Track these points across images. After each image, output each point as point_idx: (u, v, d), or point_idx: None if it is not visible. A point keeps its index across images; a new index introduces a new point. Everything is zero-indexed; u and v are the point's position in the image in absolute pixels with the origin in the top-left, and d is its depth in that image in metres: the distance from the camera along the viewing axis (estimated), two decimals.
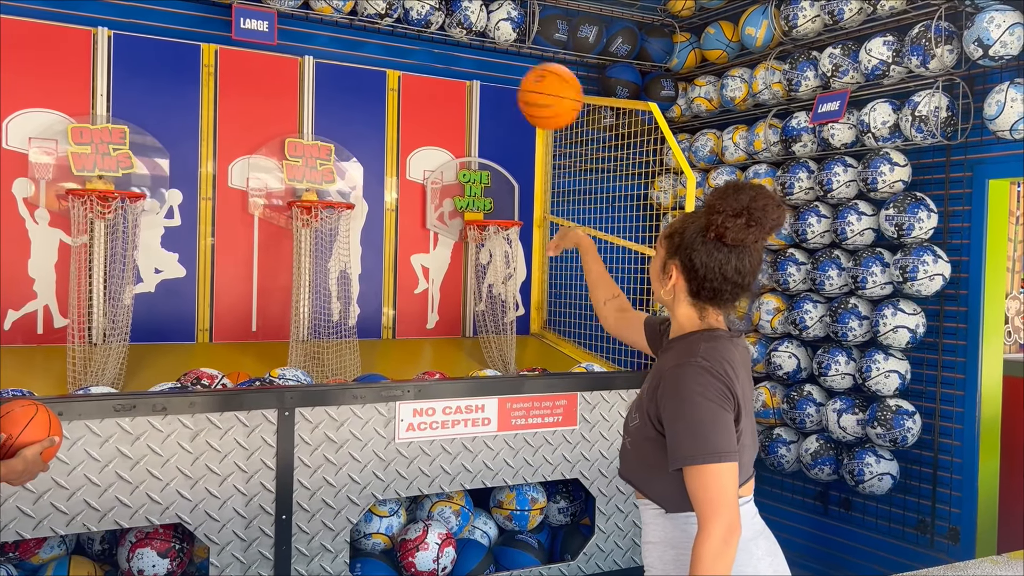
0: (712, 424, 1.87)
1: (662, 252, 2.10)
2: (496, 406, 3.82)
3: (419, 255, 5.12)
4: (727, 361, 1.96)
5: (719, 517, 1.82)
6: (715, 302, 2.04)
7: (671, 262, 2.05)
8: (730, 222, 1.93)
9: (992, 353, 4.34)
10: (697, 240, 1.99)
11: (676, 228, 2.08)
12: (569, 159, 5.57)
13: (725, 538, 1.81)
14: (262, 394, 3.38)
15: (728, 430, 1.89)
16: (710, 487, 1.84)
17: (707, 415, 1.87)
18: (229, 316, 4.61)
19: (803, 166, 4.90)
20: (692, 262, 2.00)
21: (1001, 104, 3.92)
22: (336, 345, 4.50)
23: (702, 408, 1.88)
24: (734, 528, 1.83)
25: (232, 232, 4.60)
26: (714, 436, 1.86)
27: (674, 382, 1.93)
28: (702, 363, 1.93)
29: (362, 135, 4.91)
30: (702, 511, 1.85)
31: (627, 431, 2.11)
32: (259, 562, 3.36)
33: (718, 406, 1.89)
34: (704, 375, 1.91)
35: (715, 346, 1.98)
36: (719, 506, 1.83)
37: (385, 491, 3.60)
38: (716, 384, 1.91)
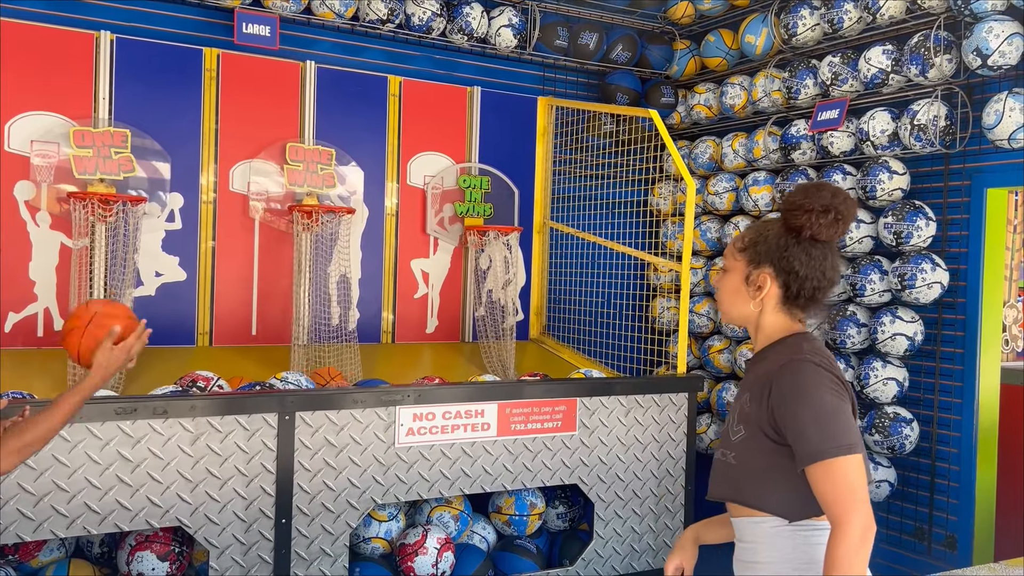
0: (835, 417, 1.80)
1: (741, 265, 2.00)
2: (496, 411, 3.83)
3: (419, 260, 5.13)
4: (832, 358, 1.92)
5: (855, 512, 1.74)
6: (810, 305, 1.97)
7: (760, 271, 1.96)
8: (822, 219, 1.88)
9: (990, 361, 4.35)
10: (790, 243, 1.92)
11: (755, 237, 1.99)
12: (569, 165, 5.59)
13: (862, 536, 1.73)
14: (262, 398, 3.38)
15: (850, 422, 1.82)
16: (840, 482, 1.76)
17: (830, 408, 1.80)
18: (229, 320, 4.62)
19: (802, 174, 4.92)
20: (790, 266, 1.93)
21: (1000, 113, 3.94)
22: (336, 349, 4.51)
23: (824, 402, 1.81)
24: (870, 524, 1.75)
25: (233, 236, 4.61)
26: (839, 428, 1.79)
27: (790, 381, 1.85)
28: (812, 359, 1.87)
29: (363, 140, 4.93)
30: (835, 509, 1.76)
31: (729, 446, 1.98)
32: (258, 566, 3.36)
33: (838, 399, 1.83)
34: (818, 370, 1.85)
35: (817, 346, 1.93)
36: (853, 501, 1.74)
37: (385, 495, 3.61)
38: (831, 377, 1.85)
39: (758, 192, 5.19)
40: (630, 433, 4.20)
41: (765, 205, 5.19)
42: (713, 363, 5.54)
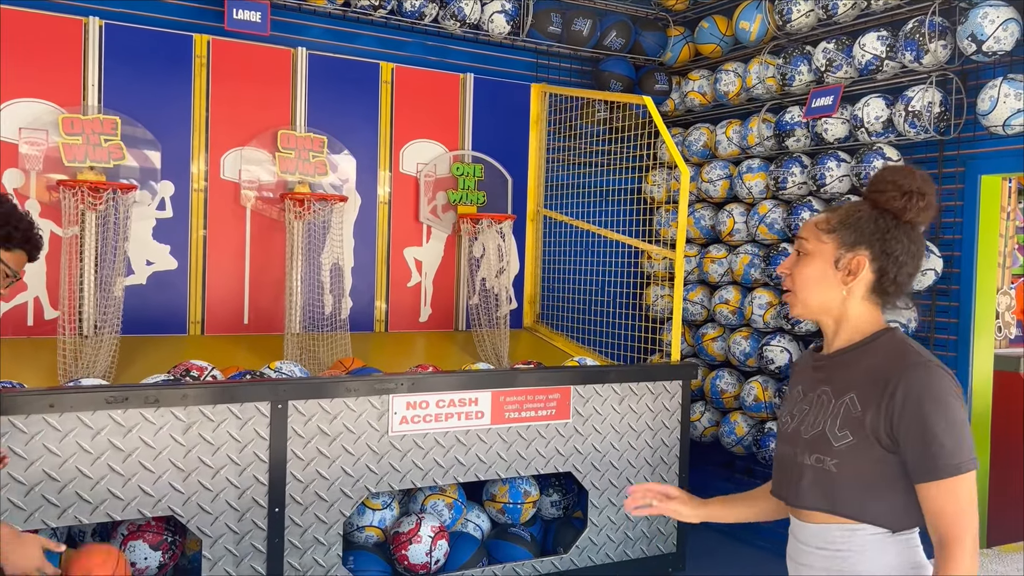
0: (964, 428, 1.68)
1: (829, 248, 1.82)
2: (489, 399, 3.82)
3: (412, 248, 5.11)
4: None
5: (971, 531, 1.64)
6: (899, 294, 1.84)
7: (855, 254, 1.79)
8: (921, 202, 1.77)
9: (983, 348, 4.36)
10: (890, 225, 1.78)
11: (845, 218, 1.82)
12: (563, 152, 5.57)
13: (975, 556, 1.64)
14: (255, 386, 3.36)
15: (970, 433, 1.72)
16: (963, 498, 1.65)
17: (960, 419, 1.68)
18: (221, 308, 4.59)
19: (796, 161, 4.91)
20: (891, 248, 1.78)
21: (994, 99, 3.93)
22: (329, 338, 4.49)
23: (956, 412, 1.68)
24: (977, 544, 1.66)
25: (224, 224, 4.58)
26: (967, 442, 1.68)
27: (922, 386, 1.69)
28: (938, 363, 1.73)
29: (355, 127, 4.90)
30: (953, 528, 1.65)
31: (830, 453, 1.78)
32: (252, 555, 3.35)
33: (963, 411, 1.71)
34: (946, 377, 1.72)
35: (920, 347, 1.79)
36: (972, 519, 1.65)
37: (378, 484, 3.60)
38: (956, 384, 1.74)
39: (752, 179, 5.18)
40: (624, 421, 4.19)
41: (759, 192, 5.18)
42: (707, 351, 5.54)
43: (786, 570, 1.97)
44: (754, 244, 5.24)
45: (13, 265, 2.24)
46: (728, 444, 5.35)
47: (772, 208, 5.04)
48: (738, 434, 5.27)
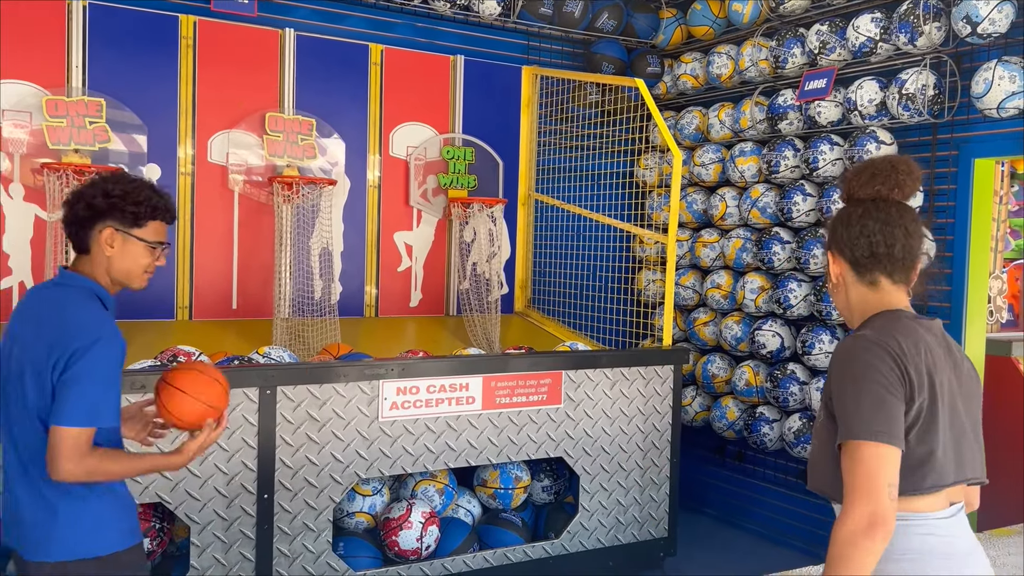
0: (869, 399, 1.71)
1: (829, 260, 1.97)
2: (480, 385, 3.79)
3: (402, 232, 5.07)
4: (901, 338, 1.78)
5: (861, 503, 1.65)
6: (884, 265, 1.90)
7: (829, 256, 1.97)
8: (860, 177, 1.90)
9: (975, 332, 4.35)
10: (840, 215, 1.94)
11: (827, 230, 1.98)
12: (554, 136, 5.52)
13: (864, 529, 1.64)
14: (243, 372, 3.33)
15: (889, 410, 1.70)
16: (856, 470, 1.67)
17: (870, 389, 1.71)
18: (209, 293, 4.55)
19: (789, 144, 4.87)
20: (839, 233, 1.94)
21: (989, 82, 3.90)
22: (318, 323, 4.45)
23: (866, 381, 1.72)
24: (878, 520, 1.64)
25: (211, 208, 4.53)
26: (874, 413, 1.69)
27: (840, 356, 1.80)
28: (870, 335, 1.78)
29: (344, 110, 4.84)
30: (846, 493, 1.69)
31: (815, 434, 1.88)
32: (240, 541, 3.32)
33: (882, 384, 1.71)
34: (870, 346, 1.75)
35: (897, 324, 1.83)
36: (865, 491, 1.65)
37: (368, 470, 3.57)
38: (883, 355, 1.74)
39: (744, 163, 5.15)
40: (615, 406, 4.18)
41: (752, 176, 5.14)
42: (699, 335, 5.53)
43: (776, 553, 2.04)
44: (746, 228, 5.22)
45: (153, 237, 2.24)
46: (719, 429, 5.34)
47: (764, 192, 5.01)
48: (729, 419, 5.26)
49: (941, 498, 1.78)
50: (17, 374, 2.14)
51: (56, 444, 2.01)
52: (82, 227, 2.18)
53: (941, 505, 1.78)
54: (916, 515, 1.76)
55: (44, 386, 2.07)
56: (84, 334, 2.06)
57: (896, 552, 1.74)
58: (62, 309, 2.12)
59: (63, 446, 2.00)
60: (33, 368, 2.09)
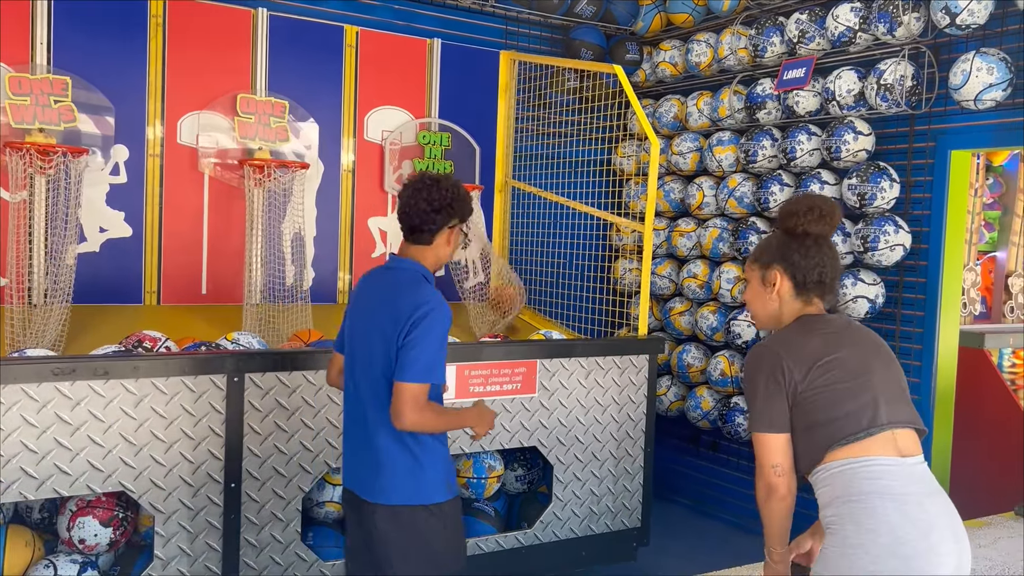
0: (761, 398, 2.18)
1: (757, 272, 2.35)
2: (454, 373, 3.74)
3: (376, 218, 4.99)
4: (794, 339, 2.22)
5: (760, 479, 2.15)
6: (819, 288, 2.28)
7: (771, 270, 2.30)
8: (809, 216, 2.25)
9: (949, 324, 4.36)
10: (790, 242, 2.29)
11: (762, 247, 2.35)
12: (532, 123, 5.46)
13: (764, 497, 2.15)
14: (210, 358, 3.26)
15: (771, 403, 2.15)
16: (756, 453, 2.16)
17: (758, 389, 2.19)
18: (178, 278, 4.46)
19: (767, 134, 4.85)
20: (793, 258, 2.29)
21: (967, 73, 3.89)
22: (289, 309, 4.38)
23: (757, 383, 2.19)
24: (771, 490, 2.13)
25: (181, 191, 4.44)
26: (760, 408, 2.17)
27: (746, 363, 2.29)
28: (763, 343, 2.26)
29: (318, 92, 4.75)
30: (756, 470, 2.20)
31: None
32: (207, 531, 3.26)
33: (765, 382, 2.17)
34: (763, 354, 2.22)
35: (804, 327, 2.25)
36: (760, 469, 2.15)
37: (339, 459, 3.51)
38: (772, 359, 2.18)
39: (722, 152, 5.12)
40: (590, 395, 4.14)
41: (729, 166, 5.12)
42: (674, 325, 5.51)
43: (747, 542, 2.38)
44: (723, 218, 5.20)
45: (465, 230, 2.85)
46: (694, 419, 5.33)
47: (742, 182, 4.99)
48: (704, 408, 5.25)
49: (884, 445, 2.09)
50: (363, 342, 2.56)
51: (400, 397, 2.40)
52: (433, 222, 2.57)
53: (887, 452, 2.08)
54: (859, 459, 2.07)
55: (389, 351, 2.46)
56: (421, 307, 2.46)
57: (849, 494, 2.05)
58: (401, 288, 2.53)
59: (405, 397, 2.40)
60: (381, 336, 2.48)
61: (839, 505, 2.06)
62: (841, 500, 2.06)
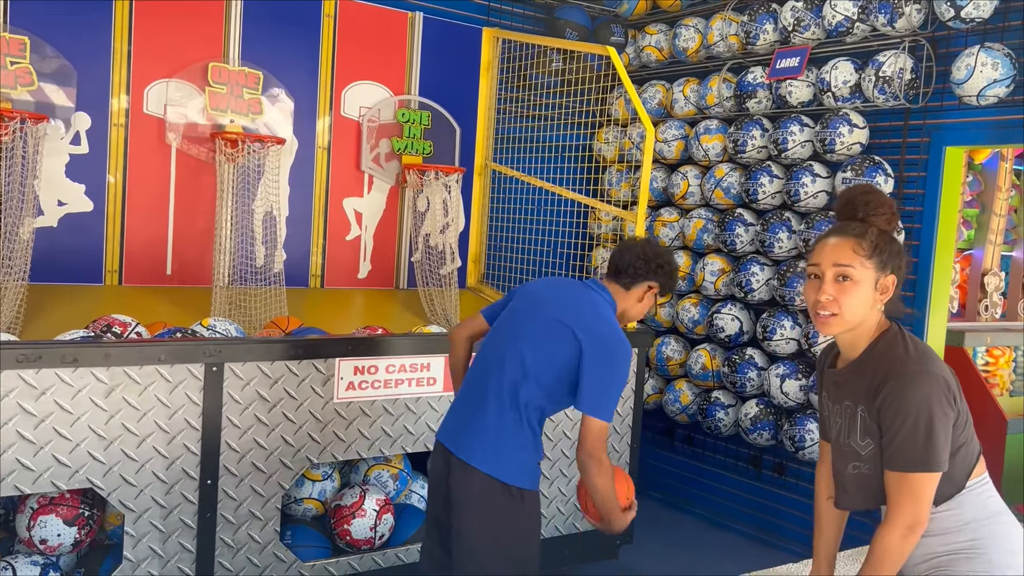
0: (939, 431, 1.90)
1: (871, 273, 1.96)
2: (443, 365, 3.56)
3: (352, 199, 4.76)
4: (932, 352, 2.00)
5: (904, 515, 1.91)
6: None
7: (887, 275, 1.98)
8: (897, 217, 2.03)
9: (937, 323, 4.31)
10: (895, 243, 2.00)
11: (875, 243, 1.97)
12: (514, 104, 5.27)
13: (902, 536, 1.90)
14: (187, 346, 3.03)
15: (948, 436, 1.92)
16: (914, 492, 1.89)
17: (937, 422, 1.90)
18: (141, 257, 4.18)
19: (757, 124, 4.74)
20: (903, 265, 2.02)
21: (971, 68, 3.82)
22: (261, 293, 4.14)
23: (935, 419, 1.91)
24: (919, 527, 1.90)
25: (146, 164, 4.15)
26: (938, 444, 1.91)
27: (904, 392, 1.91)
28: (928, 367, 1.93)
29: (294, 64, 4.49)
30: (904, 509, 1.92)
31: (859, 459, 2.01)
32: (180, 531, 3.03)
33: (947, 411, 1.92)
34: (936, 380, 1.92)
35: (919, 344, 2.00)
36: (913, 506, 1.90)
37: (321, 454, 3.32)
38: (945, 386, 1.93)
39: (709, 141, 5.00)
40: None
41: (716, 155, 5.01)
42: (654, 317, 5.39)
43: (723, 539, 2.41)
44: (708, 208, 5.09)
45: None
46: (672, 412, 5.24)
47: (729, 172, 4.88)
48: (683, 402, 5.16)
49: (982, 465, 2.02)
50: (531, 324, 2.61)
51: (591, 431, 2.48)
52: (639, 277, 2.72)
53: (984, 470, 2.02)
54: (981, 479, 1.99)
55: (551, 355, 2.54)
56: (612, 336, 2.56)
57: (984, 516, 1.96)
58: (596, 306, 2.63)
59: (597, 433, 2.48)
60: (557, 330, 2.55)
61: (976, 529, 1.95)
62: (977, 523, 1.95)
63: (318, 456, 3.30)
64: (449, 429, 2.66)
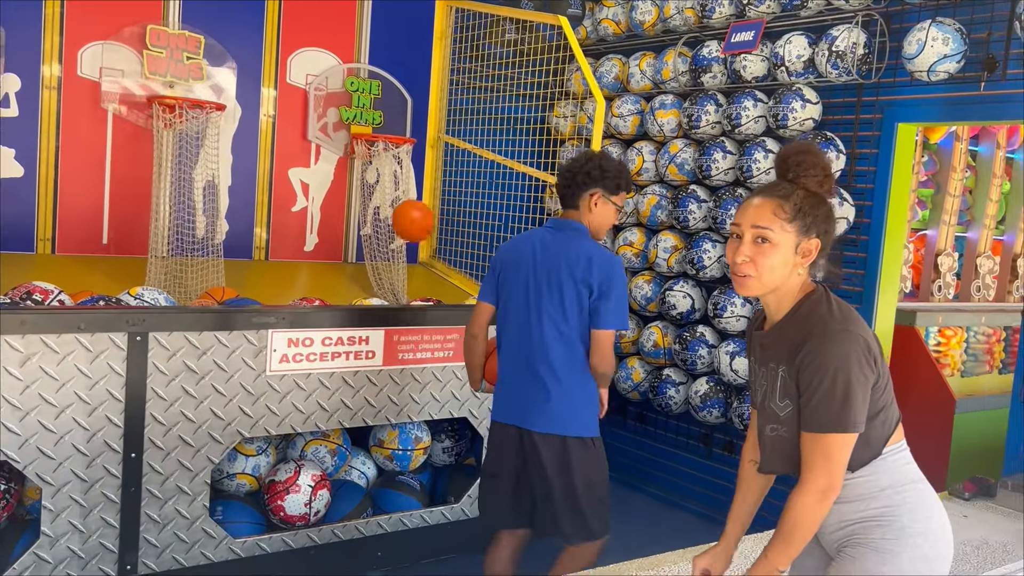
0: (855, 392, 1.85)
1: (791, 236, 1.89)
2: (382, 339, 3.48)
3: (298, 169, 4.65)
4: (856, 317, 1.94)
5: (818, 479, 1.87)
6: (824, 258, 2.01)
7: (810, 239, 1.91)
8: (832, 177, 1.96)
9: (887, 301, 4.30)
10: (823, 205, 1.93)
11: (798, 205, 1.89)
12: (467, 75, 5.17)
13: (816, 499, 1.87)
14: (109, 315, 2.92)
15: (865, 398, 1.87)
16: (828, 453, 1.85)
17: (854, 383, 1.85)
18: (76, 225, 4.05)
19: (711, 99, 4.68)
20: (829, 228, 1.95)
21: (922, 43, 3.78)
22: (200, 264, 4.03)
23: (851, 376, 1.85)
24: (832, 491, 1.88)
25: (81, 128, 4.01)
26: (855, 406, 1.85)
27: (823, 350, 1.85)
28: (848, 326, 1.87)
29: (237, 29, 4.36)
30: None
31: (778, 420, 1.96)
32: (103, 505, 2.94)
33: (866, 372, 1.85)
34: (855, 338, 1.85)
35: (842, 305, 1.94)
36: (827, 468, 1.86)
37: (253, 428, 3.22)
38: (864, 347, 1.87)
39: (664, 116, 4.93)
40: None
41: (671, 131, 4.94)
42: None
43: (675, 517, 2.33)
44: (662, 185, 5.03)
45: (621, 203, 2.97)
46: (624, 390, 5.20)
47: (683, 148, 4.82)
48: (635, 380, 5.12)
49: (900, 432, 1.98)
50: (535, 296, 2.84)
51: (600, 343, 2.79)
52: (578, 193, 2.89)
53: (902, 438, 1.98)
54: (899, 445, 1.95)
55: (567, 298, 2.79)
56: (607, 264, 2.80)
57: (900, 482, 1.93)
58: (572, 242, 2.83)
59: (605, 344, 2.79)
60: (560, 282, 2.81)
61: (890, 496, 1.91)
62: (892, 490, 1.92)
63: (250, 430, 3.22)
64: (512, 408, 2.90)
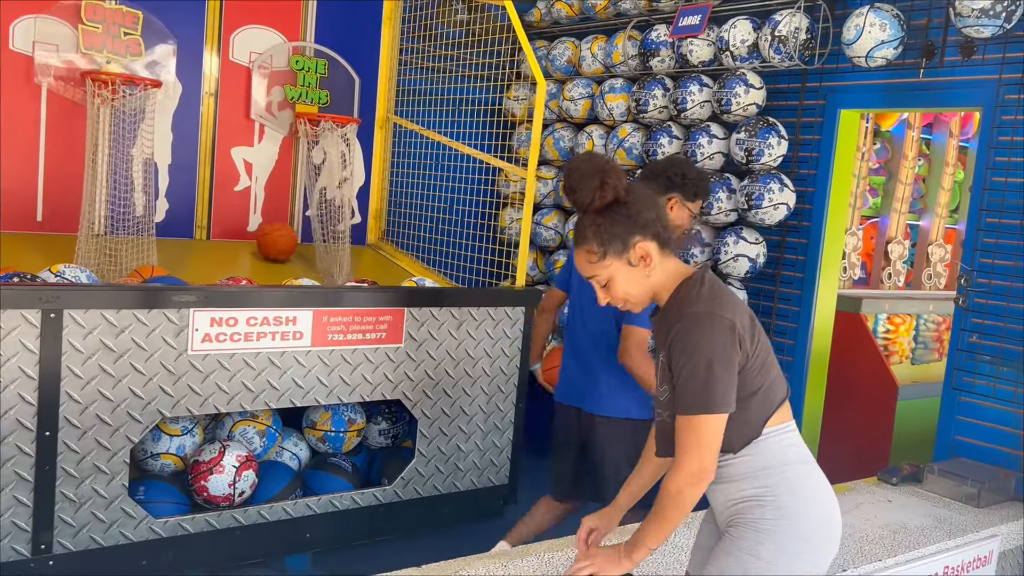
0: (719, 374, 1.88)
1: (613, 263, 1.95)
2: (310, 319, 3.45)
3: (241, 148, 4.60)
4: (726, 293, 1.98)
5: (690, 462, 1.89)
6: (672, 232, 2.05)
7: (635, 249, 1.94)
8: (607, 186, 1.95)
9: (828, 288, 4.31)
10: (618, 211, 1.95)
11: (600, 237, 1.93)
12: (417, 55, 5.13)
13: (689, 483, 1.89)
14: (20, 291, 2.87)
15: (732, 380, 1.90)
16: (699, 435, 1.87)
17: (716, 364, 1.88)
18: (9, 202, 4.00)
19: (659, 83, 4.66)
20: (643, 220, 1.96)
21: (860, 28, 3.77)
22: (136, 243, 3.98)
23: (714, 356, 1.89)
24: (705, 474, 1.89)
25: (14, 104, 3.95)
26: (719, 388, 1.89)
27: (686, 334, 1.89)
28: (709, 307, 1.90)
29: (178, 5, 4.30)
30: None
31: (661, 406, 2.01)
32: (15, 484, 2.90)
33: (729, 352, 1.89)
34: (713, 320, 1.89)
35: (713, 286, 1.97)
36: (698, 452, 1.88)
37: (175, 408, 3.19)
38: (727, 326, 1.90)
39: (614, 100, 4.91)
40: (461, 347, 3.92)
41: (620, 115, 4.92)
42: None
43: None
44: None
45: (695, 210, 3.25)
46: None
47: (632, 132, 4.80)
48: None
49: (787, 410, 1.99)
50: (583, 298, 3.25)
51: (623, 339, 3.05)
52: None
53: (789, 416, 2.00)
54: (781, 426, 1.96)
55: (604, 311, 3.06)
56: None
57: (780, 463, 1.94)
58: None
59: (628, 340, 3.04)
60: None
61: (769, 475, 1.92)
62: (771, 470, 1.92)
63: (171, 410, 3.19)
64: (571, 391, 3.31)
